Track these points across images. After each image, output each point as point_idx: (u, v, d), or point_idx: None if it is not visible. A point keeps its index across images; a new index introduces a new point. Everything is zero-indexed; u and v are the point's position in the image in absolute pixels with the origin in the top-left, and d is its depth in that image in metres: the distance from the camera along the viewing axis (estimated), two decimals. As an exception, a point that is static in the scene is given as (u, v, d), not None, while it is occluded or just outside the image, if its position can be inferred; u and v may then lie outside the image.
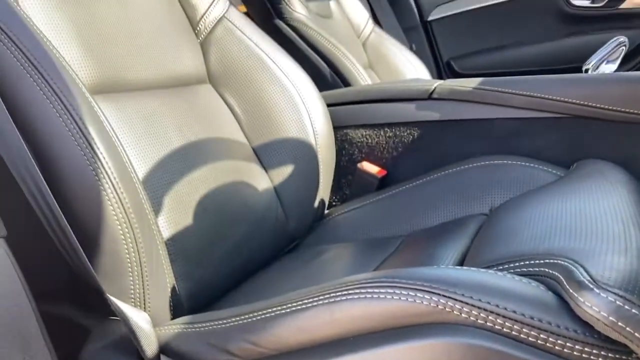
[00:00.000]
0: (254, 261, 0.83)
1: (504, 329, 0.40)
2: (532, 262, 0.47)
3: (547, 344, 0.39)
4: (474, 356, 0.41)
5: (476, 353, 0.40)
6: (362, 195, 1.00)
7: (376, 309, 0.44)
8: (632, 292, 0.38)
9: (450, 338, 0.41)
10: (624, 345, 0.38)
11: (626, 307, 0.37)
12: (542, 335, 0.39)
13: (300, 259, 0.86)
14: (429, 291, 0.43)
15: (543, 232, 0.54)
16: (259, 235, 0.84)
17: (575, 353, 0.38)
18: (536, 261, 0.47)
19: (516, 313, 0.40)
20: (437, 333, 0.42)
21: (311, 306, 0.47)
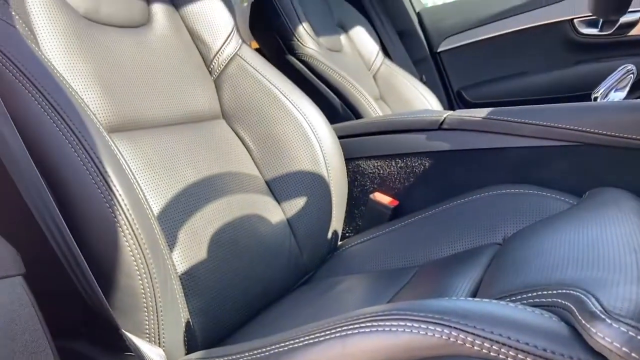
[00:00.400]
0: (268, 294, 0.83)
1: (517, 362, 0.40)
2: (545, 293, 0.47)
3: (561, 376, 0.39)
4: (487, 389, 0.40)
5: (489, 385, 0.40)
6: (375, 225, 1.01)
7: (388, 342, 0.44)
8: (645, 322, 0.38)
9: (462, 370, 0.41)
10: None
11: (639, 338, 0.37)
12: (556, 367, 0.39)
13: (314, 291, 0.86)
14: (441, 323, 0.43)
15: (555, 262, 0.54)
16: (273, 268, 0.85)
17: (589, 385, 0.38)
18: (548, 292, 0.47)
19: (529, 345, 0.40)
20: (450, 365, 0.42)
21: (323, 339, 0.47)
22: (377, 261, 0.91)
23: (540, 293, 0.47)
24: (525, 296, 0.49)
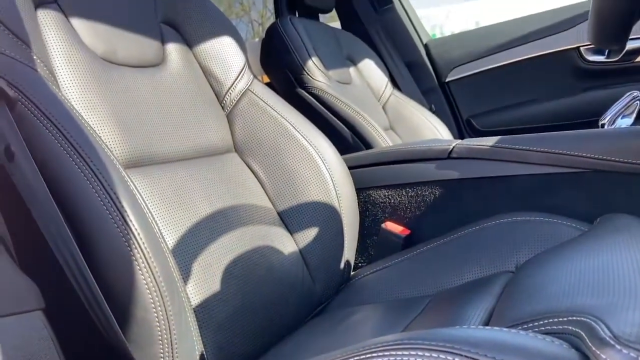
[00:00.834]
0: (282, 325, 0.84)
1: (528, 389, 0.40)
2: (556, 320, 0.47)
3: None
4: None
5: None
6: (388, 255, 1.01)
7: (400, 372, 0.44)
8: (656, 349, 0.38)
9: (474, 399, 0.41)
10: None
11: (649, 364, 0.37)
12: (567, 395, 0.39)
13: (328, 322, 0.86)
14: (452, 352, 0.43)
15: (567, 289, 0.54)
16: (286, 299, 0.85)
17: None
18: (560, 319, 0.47)
19: (540, 372, 0.40)
20: (462, 395, 0.42)
21: (336, 370, 0.48)
22: (390, 291, 0.91)
23: (551, 320, 0.48)
24: (536, 324, 0.49)
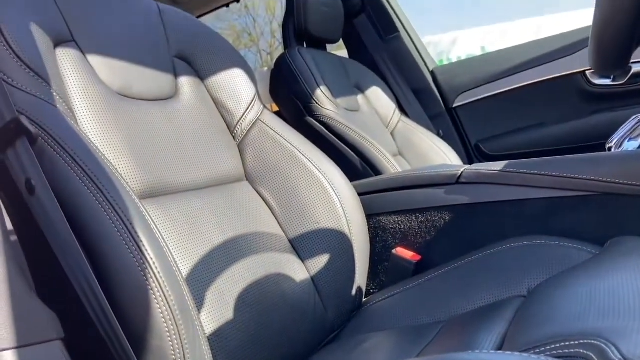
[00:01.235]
0: (294, 353, 0.84)
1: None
2: (567, 344, 0.48)
3: None
4: None
5: None
6: (399, 281, 1.01)
7: (413, 398, 0.45)
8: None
9: None
10: None
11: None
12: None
13: (341, 350, 0.86)
14: (465, 377, 0.43)
15: (578, 313, 0.54)
16: (299, 326, 0.85)
17: None
18: (571, 342, 0.47)
19: (553, 396, 0.40)
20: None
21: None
22: (403, 318, 0.91)
23: (563, 344, 0.48)
24: (548, 347, 0.49)
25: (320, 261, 0.94)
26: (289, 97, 1.59)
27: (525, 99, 1.88)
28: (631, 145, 1.02)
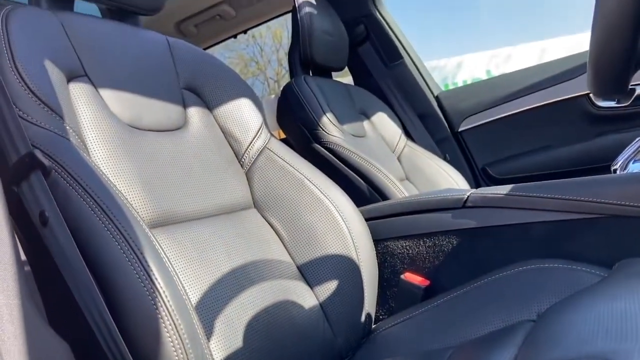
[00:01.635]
0: (304, 381, 0.84)
1: None
2: (575, 368, 0.47)
3: None
4: None
5: None
6: (408, 306, 1.00)
7: None
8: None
9: None
10: None
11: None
12: None
13: (350, 377, 0.86)
14: (473, 403, 0.43)
15: (586, 336, 0.54)
16: (309, 353, 0.85)
17: None
18: (579, 366, 0.47)
19: (561, 422, 0.40)
20: None
21: None
22: (412, 344, 0.91)
23: (571, 368, 0.48)
24: (557, 372, 0.49)
25: (328, 287, 0.94)
26: (296, 125, 1.61)
27: (530, 122, 1.89)
28: (636, 167, 1.02)
